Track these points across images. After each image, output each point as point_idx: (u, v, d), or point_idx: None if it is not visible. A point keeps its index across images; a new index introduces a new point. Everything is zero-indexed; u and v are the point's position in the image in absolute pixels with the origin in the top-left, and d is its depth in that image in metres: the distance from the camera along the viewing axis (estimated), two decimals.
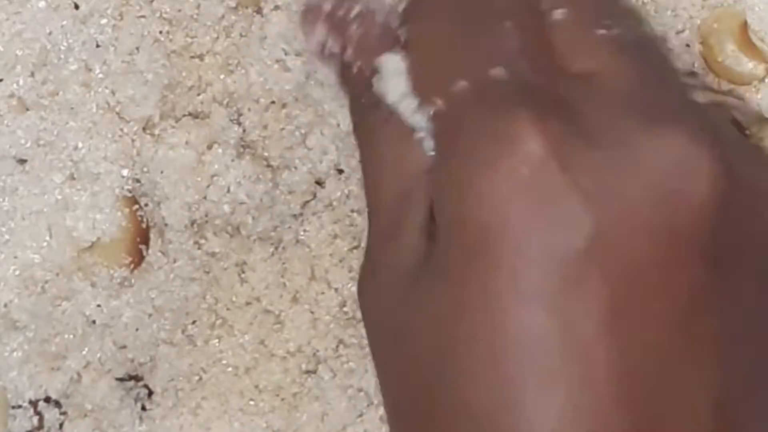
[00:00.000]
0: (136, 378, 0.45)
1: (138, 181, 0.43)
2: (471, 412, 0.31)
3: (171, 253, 0.44)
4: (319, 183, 0.45)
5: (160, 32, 0.43)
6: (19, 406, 0.44)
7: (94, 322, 0.44)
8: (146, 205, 0.44)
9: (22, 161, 0.43)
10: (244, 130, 0.44)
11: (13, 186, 0.43)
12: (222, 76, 0.44)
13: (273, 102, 0.44)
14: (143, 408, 0.45)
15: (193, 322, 0.45)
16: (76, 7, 0.43)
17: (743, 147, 0.38)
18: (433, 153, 0.35)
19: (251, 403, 0.45)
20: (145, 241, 0.44)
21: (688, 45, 0.44)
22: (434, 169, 0.34)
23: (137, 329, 0.44)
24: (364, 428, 0.45)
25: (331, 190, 0.45)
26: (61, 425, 0.44)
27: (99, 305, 0.43)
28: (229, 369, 0.45)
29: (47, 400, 0.44)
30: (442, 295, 0.32)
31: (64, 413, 0.44)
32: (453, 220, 0.32)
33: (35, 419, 0.44)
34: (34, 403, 0.44)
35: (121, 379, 0.45)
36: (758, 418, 0.32)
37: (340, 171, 0.45)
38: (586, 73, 0.34)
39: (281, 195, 0.44)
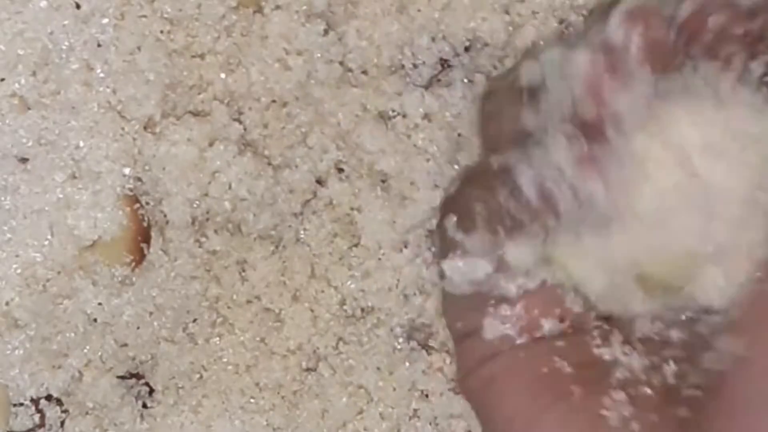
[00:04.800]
0: (137, 376, 0.45)
1: (139, 179, 0.43)
2: None
3: (172, 251, 0.44)
4: (320, 182, 0.45)
5: (162, 32, 0.43)
6: (21, 404, 0.44)
7: (95, 320, 0.44)
8: (147, 203, 0.44)
9: (24, 160, 0.43)
10: (245, 129, 0.44)
11: (14, 185, 0.43)
12: (223, 75, 0.44)
13: (274, 101, 0.44)
14: (144, 406, 0.45)
15: (194, 321, 0.45)
16: (78, 6, 0.43)
17: None
18: None
19: (252, 400, 0.45)
20: (146, 239, 0.44)
21: None
22: None
23: (138, 327, 0.44)
24: (364, 425, 0.45)
25: (331, 188, 0.45)
26: (62, 423, 0.44)
27: (100, 303, 0.43)
28: (230, 367, 0.45)
29: (48, 398, 0.44)
30: None
31: (65, 411, 0.44)
32: None
33: (37, 417, 0.44)
34: (35, 401, 0.44)
35: (122, 377, 0.45)
36: None
37: (341, 170, 0.45)
38: None
39: (282, 193, 0.44)
